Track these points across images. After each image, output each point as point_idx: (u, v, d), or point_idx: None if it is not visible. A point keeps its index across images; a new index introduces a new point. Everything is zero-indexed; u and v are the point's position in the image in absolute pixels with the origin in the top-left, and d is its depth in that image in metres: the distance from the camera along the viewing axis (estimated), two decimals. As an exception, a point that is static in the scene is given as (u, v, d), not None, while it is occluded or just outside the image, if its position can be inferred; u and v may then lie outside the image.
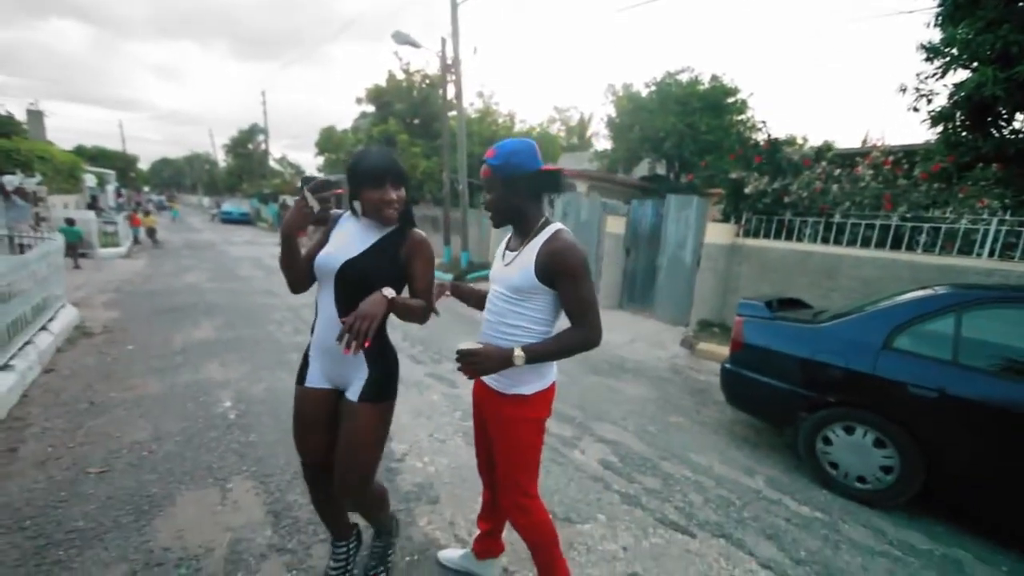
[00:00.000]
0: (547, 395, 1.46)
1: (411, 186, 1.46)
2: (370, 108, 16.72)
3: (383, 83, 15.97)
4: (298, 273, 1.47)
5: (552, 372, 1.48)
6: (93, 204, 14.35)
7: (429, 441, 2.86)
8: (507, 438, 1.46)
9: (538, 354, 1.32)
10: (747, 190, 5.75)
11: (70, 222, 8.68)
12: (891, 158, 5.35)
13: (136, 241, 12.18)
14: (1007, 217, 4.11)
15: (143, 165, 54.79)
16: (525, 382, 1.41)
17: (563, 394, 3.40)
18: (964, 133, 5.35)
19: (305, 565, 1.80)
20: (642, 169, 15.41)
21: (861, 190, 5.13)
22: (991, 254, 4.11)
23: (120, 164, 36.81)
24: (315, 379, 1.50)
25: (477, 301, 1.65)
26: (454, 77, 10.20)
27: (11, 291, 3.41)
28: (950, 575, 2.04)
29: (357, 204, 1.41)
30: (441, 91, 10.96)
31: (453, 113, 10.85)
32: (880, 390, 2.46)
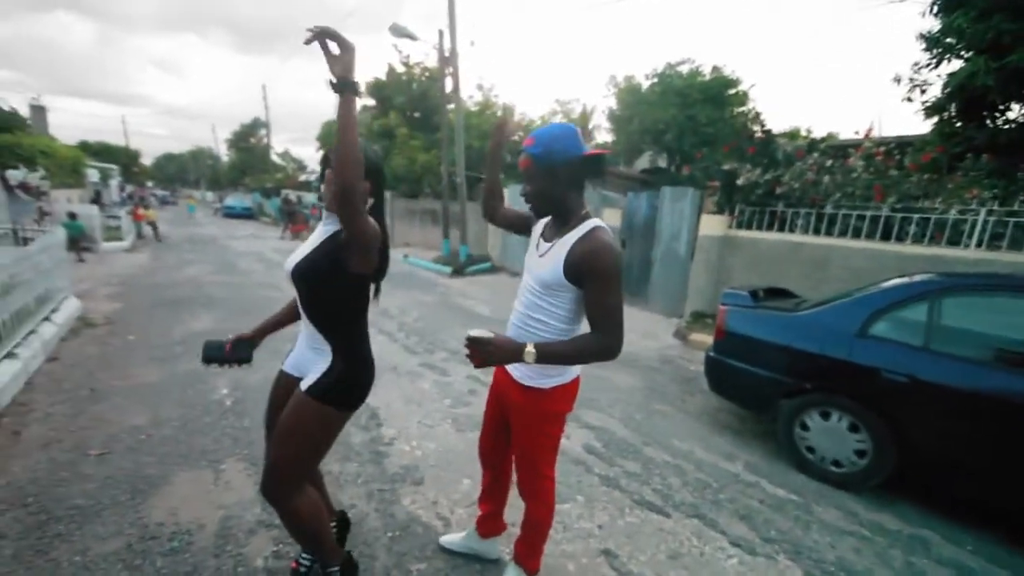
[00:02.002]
0: (568, 389, 1.43)
1: (384, 180, 1.38)
2: (371, 102, 16.72)
3: (383, 76, 15.96)
4: None
5: (576, 367, 1.43)
6: (97, 199, 14.51)
7: (418, 427, 2.95)
8: (526, 427, 1.48)
9: (550, 355, 1.23)
10: (739, 182, 5.77)
11: (72, 216, 8.81)
12: (883, 149, 5.35)
13: (140, 235, 12.33)
14: (995, 208, 4.11)
15: (147, 160, 55.03)
16: (546, 375, 1.38)
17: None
18: (958, 123, 5.36)
19: (292, 540, 1.88)
20: (644, 162, 15.37)
21: (853, 181, 5.14)
22: (979, 244, 4.12)
23: (123, 159, 37.02)
24: (289, 364, 1.54)
25: (492, 165, 1.65)
26: (452, 70, 10.20)
27: (13, 282, 3.51)
28: (916, 553, 2.11)
29: (323, 187, 1.37)
30: (439, 84, 10.94)
31: (452, 106, 10.85)
32: (854, 376, 2.51)
